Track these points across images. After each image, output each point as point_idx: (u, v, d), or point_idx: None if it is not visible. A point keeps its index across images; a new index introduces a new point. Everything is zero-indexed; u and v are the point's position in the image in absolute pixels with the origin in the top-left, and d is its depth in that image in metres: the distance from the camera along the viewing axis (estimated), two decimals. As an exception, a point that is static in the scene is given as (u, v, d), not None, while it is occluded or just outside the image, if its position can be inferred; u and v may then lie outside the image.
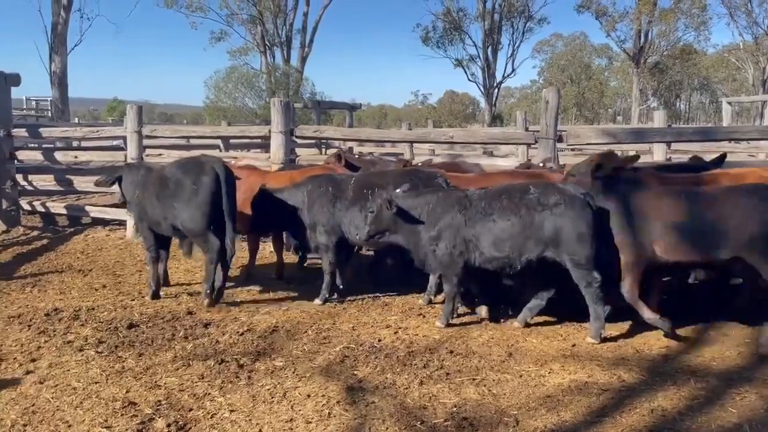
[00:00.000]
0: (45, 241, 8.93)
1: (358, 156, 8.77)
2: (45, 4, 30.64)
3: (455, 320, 5.22)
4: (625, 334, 4.94)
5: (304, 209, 5.86)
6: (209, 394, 3.84)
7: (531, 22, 52.87)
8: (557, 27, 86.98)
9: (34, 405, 3.70)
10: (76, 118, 30.89)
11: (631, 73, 51.35)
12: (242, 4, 42.97)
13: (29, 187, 10.54)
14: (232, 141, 14.06)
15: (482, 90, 53.44)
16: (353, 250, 6.34)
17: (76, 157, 10.84)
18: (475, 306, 5.42)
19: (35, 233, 9.54)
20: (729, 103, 23.45)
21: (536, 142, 7.30)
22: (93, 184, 7.44)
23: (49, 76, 29.19)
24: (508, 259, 4.82)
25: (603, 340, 4.72)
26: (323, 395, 3.81)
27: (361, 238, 5.49)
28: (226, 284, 5.99)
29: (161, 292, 6.09)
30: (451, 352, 4.53)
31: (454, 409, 3.64)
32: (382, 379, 4.05)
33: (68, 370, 4.20)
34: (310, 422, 3.50)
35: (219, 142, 13.66)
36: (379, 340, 4.79)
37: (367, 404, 3.69)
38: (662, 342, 4.75)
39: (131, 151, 8.96)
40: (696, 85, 62.80)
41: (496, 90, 54.53)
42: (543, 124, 7.12)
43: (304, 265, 7.10)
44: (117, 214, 9.60)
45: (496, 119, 51.48)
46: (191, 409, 3.64)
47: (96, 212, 9.95)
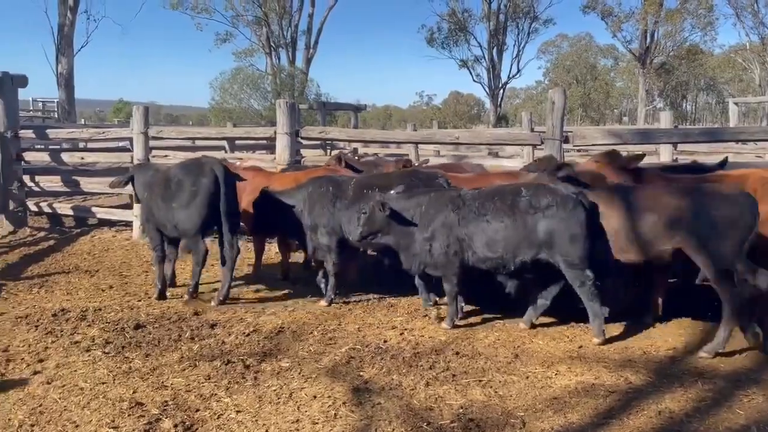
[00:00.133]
0: (52, 242, 8.96)
1: (358, 158, 8.79)
2: (51, 5, 30.78)
3: (461, 321, 5.22)
4: (631, 335, 4.92)
5: (305, 211, 5.88)
6: (216, 394, 3.85)
7: (536, 22, 52.94)
8: (562, 27, 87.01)
9: (41, 405, 3.71)
10: (83, 120, 30.94)
11: (637, 74, 51.21)
12: (247, 5, 43.12)
13: (36, 188, 10.57)
14: (237, 142, 14.10)
15: (487, 91, 53.48)
16: (358, 250, 6.34)
17: (82, 159, 10.85)
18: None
19: (42, 234, 9.59)
20: (736, 103, 23.38)
21: (542, 143, 7.28)
22: (108, 186, 7.49)
23: (56, 77, 29.32)
24: (502, 260, 4.84)
25: (607, 341, 4.72)
26: (329, 396, 3.82)
27: (353, 239, 5.50)
28: (233, 285, 6.00)
29: (168, 292, 6.10)
30: (457, 353, 4.53)
31: (461, 410, 3.64)
32: (388, 381, 4.05)
33: (75, 371, 4.22)
34: (317, 423, 3.50)
35: (224, 144, 13.71)
36: (385, 342, 4.79)
37: (373, 405, 3.70)
38: (669, 344, 4.74)
39: (137, 153, 8.99)
40: (702, 86, 62.55)
41: (501, 91, 54.57)
42: (549, 125, 7.10)
43: (311, 266, 7.09)
44: (123, 215, 9.66)
45: (501, 120, 51.46)
46: (198, 410, 3.65)
47: (102, 213, 10.00)
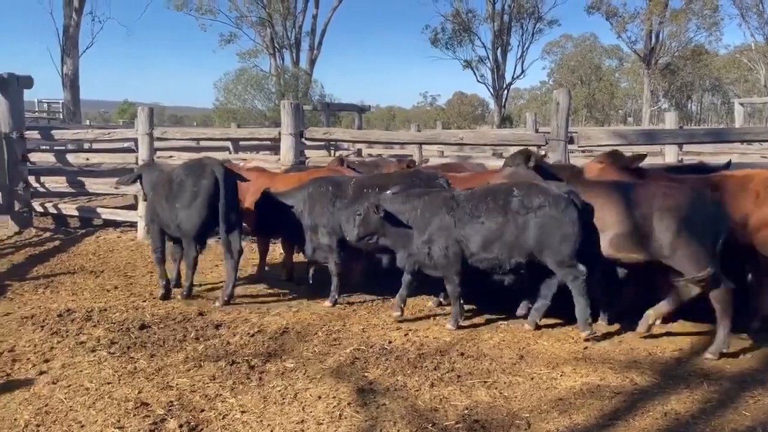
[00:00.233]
0: (57, 243, 8.99)
1: (358, 161, 8.82)
2: (57, 7, 31.02)
3: (465, 322, 5.21)
4: (637, 337, 4.89)
5: (305, 211, 5.89)
6: (220, 395, 3.85)
7: (541, 23, 52.90)
8: (567, 28, 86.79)
9: (47, 405, 3.72)
10: (87, 121, 31.04)
11: (642, 74, 51.14)
12: (251, 6, 43.23)
13: (41, 189, 10.62)
14: (241, 143, 14.13)
15: (491, 91, 53.47)
16: (361, 252, 6.33)
17: (87, 159, 10.92)
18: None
19: (47, 235, 9.61)
20: (741, 104, 23.28)
21: (547, 143, 7.27)
22: (115, 183, 7.50)
23: (61, 78, 29.46)
24: (497, 260, 4.86)
25: (592, 337, 4.73)
26: (334, 397, 3.82)
27: (350, 240, 5.51)
28: (237, 285, 6.01)
29: (172, 293, 6.12)
30: (462, 354, 4.52)
31: (466, 411, 3.63)
32: (393, 381, 4.05)
33: (81, 371, 4.23)
34: (321, 423, 3.50)
35: (229, 144, 13.74)
36: (390, 342, 4.79)
37: (377, 406, 3.69)
38: (675, 345, 4.72)
39: (142, 153, 9.02)
40: (707, 86, 62.41)
41: (506, 91, 54.57)
42: (554, 126, 7.09)
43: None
44: (128, 216, 9.69)
45: (506, 121, 51.41)
46: (203, 410, 3.65)
47: (107, 214, 10.03)
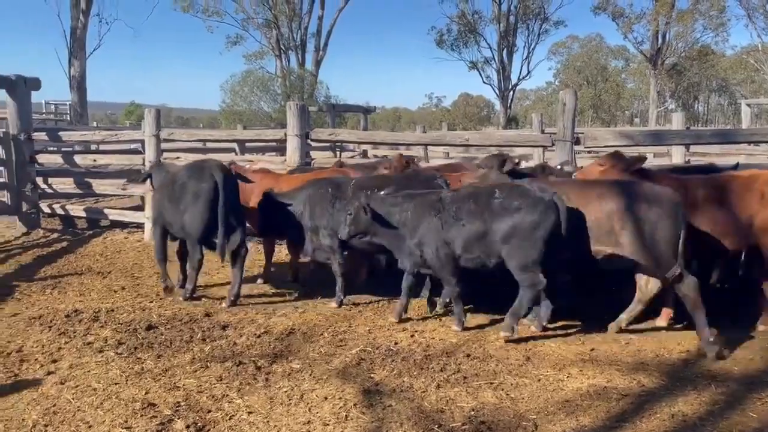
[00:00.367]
0: (64, 244, 9.03)
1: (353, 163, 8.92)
2: (64, 8, 31.09)
3: (471, 324, 5.20)
4: (644, 338, 4.89)
5: (305, 212, 5.92)
6: (227, 395, 3.86)
7: (547, 24, 52.79)
8: (573, 29, 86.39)
9: (55, 405, 3.74)
10: (95, 122, 31.19)
11: (649, 75, 50.96)
12: (258, 8, 43.39)
13: (49, 190, 10.66)
14: (247, 144, 14.15)
15: (497, 92, 53.42)
16: (367, 253, 6.34)
17: (95, 161, 10.94)
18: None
19: (55, 235, 9.66)
20: (748, 105, 23.18)
21: (553, 144, 7.27)
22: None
23: (68, 80, 29.61)
24: (479, 260, 4.86)
25: (512, 340, 4.71)
26: (340, 398, 3.82)
27: (341, 238, 5.55)
28: (243, 286, 6.02)
29: (174, 288, 6.25)
30: (468, 355, 4.52)
31: (472, 413, 3.63)
32: (399, 383, 4.04)
33: (88, 371, 4.24)
34: (328, 424, 3.50)
35: (235, 146, 13.77)
36: (396, 344, 4.79)
37: (384, 407, 3.69)
38: (682, 346, 4.70)
39: (149, 155, 9.05)
40: (714, 87, 62.13)
41: (511, 92, 54.45)
42: (560, 127, 7.07)
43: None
44: (135, 217, 9.72)
45: (511, 122, 51.37)
46: (210, 411, 3.66)
47: (114, 215, 10.07)
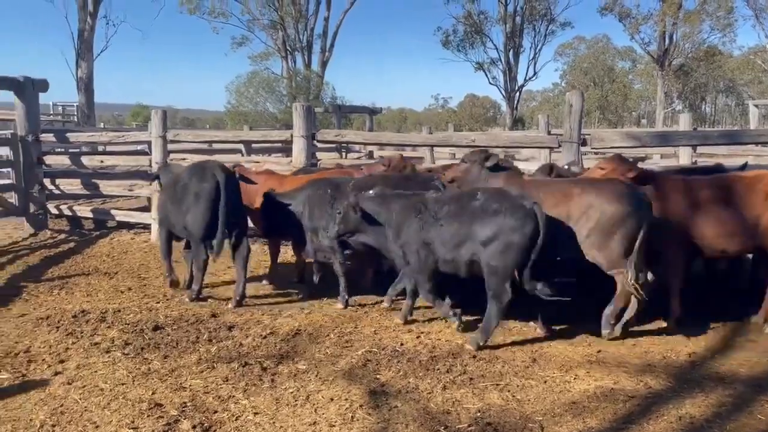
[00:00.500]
0: (72, 244, 9.06)
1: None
2: (72, 11, 31.26)
3: (478, 324, 5.18)
4: (651, 340, 4.87)
5: (305, 213, 5.95)
6: (233, 396, 3.87)
7: (553, 25, 52.66)
8: (580, 30, 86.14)
9: (62, 406, 3.75)
10: (102, 124, 31.33)
11: (656, 76, 50.77)
12: (264, 9, 43.42)
13: (56, 191, 10.70)
14: (253, 145, 14.17)
15: (503, 93, 53.28)
16: (373, 255, 6.35)
17: (102, 162, 10.99)
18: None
19: (62, 236, 9.70)
20: (756, 105, 23.07)
21: (559, 145, 7.25)
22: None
23: (76, 81, 29.77)
24: (454, 262, 4.82)
25: (480, 347, 4.64)
26: (346, 399, 3.82)
27: (330, 237, 5.57)
28: (249, 287, 6.05)
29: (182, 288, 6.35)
30: (474, 356, 4.51)
31: (478, 414, 3.62)
32: (405, 384, 4.04)
33: (95, 372, 4.26)
34: (334, 425, 3.50)
35: (241, 147, 13.80)
36: (402, 345, 4.79)
37: (390, 408, 3.69)
38: (689, 348, 4.68)
39: (156, 156, 9.08)
40: (722, 88, 61.85)
41: (518, 93, 54.34)
42: (567, 128, 7.06)
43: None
44: (142, 218, 9.76)
45: (518, 123, 51.25)
46: (216, 411, 3.67)
47: (121, 216, 10.11)
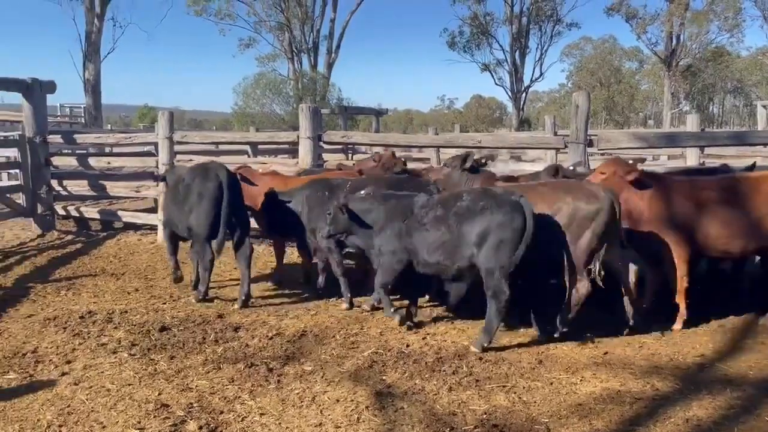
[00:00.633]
0: (79, 245, 9.10)
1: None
2: (79, 13, 31.43)
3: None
4: (658, 342, 4.85)
5: (303, 213, 5.98)
6: (239, 397, 3.87)
7: (560, 25, 52.54)
8: (586, 30, 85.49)
9: (69, 406, 3.77)
10: (109, 125, 31.46)
11: (663, 77, 50.58)
12: (270, 11, 43.58)
13: (64, 192, 10.76)
14: (259, 146, 14.21)
15: (509, 94, 53.22)
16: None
17: (109, 163, 11.04)
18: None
19: (69, 237, 9.74)
20: (764, 106, 22.89)
21: (566, 146, 7.23)
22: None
23: (83, 83, 29.91)
24: (440, 265, 4.82)
25: (484, 349, 4.61)
26: (352, 400, 3.82)
27: (322, 236, 5.59)
28: (256, 288, 6.06)
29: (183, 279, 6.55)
30: (480, 358, 4.50)
31: (484, 416, 3.61)
32: (411, 385, 4.04)
33: (102, 372, 4.28)
34: (340, 427, 3.50)
35: (247, 148, 13.83)
36: (408, 346, 4.78)
37: (396, 410, 3.69)
38: (697, 350, 4.66)
39: (162, 157, 9.11)
40: (729, 88, 61.55)
41: (524, 94, 54.23)
42: (573, 129, 7.03)
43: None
44: (148, 219, 9.80)
45: (524, 124, 51.16)
46: (222, 412, 3.67)
47: (128, 217, 10.14)
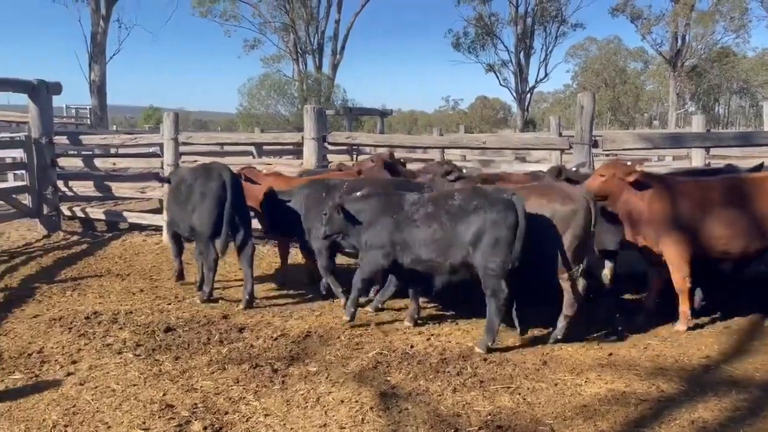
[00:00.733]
0: (84, 246, 9.13)
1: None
2: (85, 14, 31.54)
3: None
4: (663, 343, 4.84)
5: (302, 213, 6.00)
6: (244, 398, 3.88)
7: (564, 26, 52.43)
8: (591, 31, 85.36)
9: (74, 406, 3.78)
10: (114, 126, 31.59)
11: (668, 77, 50.40)
12: (275, 12, 43.66)
13: (69, 193, 10.79)
14: (264, 147, 14.23)
15: (514, 95, 53.09)
16: None
17: (114, 164, 11.08)
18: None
19: (75, 238, 9.76)
20: (770, 106, 22.78)
21: (571, 147, 7.21)
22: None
23: (89, 84, 30.03)
24: (432, 262, 4.82)
25: (489, 350, 4.62)
26: (356, 401, 3.82)
27: (319, 237, 5.60)
28: (261, 289, 6.08)
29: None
30: (485, 359, 4.50)
31: (489, 417, 3.60)
32: (415, 386, 4.04)
33: (107, 373, 4.29)
34: (344, 427, 3.50)
35: (252, 149, 13.85)
36: (412, 347, 4.78)
37: (400, 411, 3.69)
38: (702, 352, 4.64)
39: (168, 158, 9.12)
40: (735, 89, 61.26)
41: (529, 95, 54.12)
42: (578, 129, 7.02)
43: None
44: (153, 220, 9.81)
45: (529, 124, 51.07)
46: (227, 413, 3.68)
47: (133, 218, 10.16)
